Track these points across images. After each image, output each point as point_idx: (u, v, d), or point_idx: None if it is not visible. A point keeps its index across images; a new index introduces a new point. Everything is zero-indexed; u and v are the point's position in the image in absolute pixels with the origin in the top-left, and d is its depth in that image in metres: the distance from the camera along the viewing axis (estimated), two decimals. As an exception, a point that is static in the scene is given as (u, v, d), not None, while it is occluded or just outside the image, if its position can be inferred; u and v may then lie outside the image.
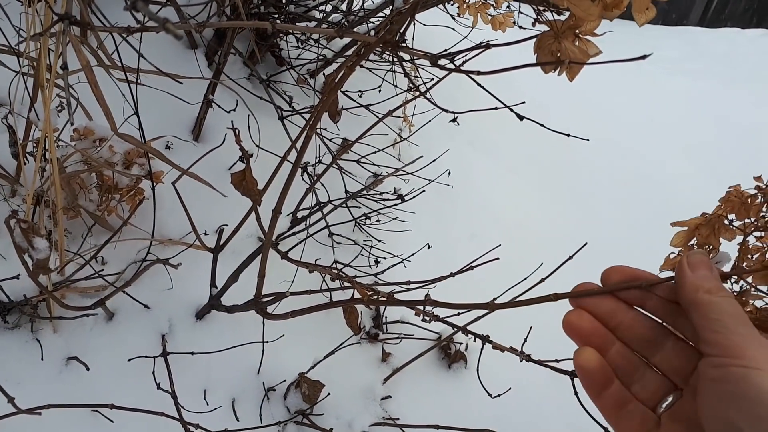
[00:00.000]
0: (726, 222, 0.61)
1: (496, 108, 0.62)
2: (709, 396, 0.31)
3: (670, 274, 0.69)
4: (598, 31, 0.49)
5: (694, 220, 0.60)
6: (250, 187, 0.66)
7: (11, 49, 0.78)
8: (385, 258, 1.23)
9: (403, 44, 0.62)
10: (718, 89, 3.09)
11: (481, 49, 0.55)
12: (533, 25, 0.49)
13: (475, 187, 1.63)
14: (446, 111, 0.65)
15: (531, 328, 0.78)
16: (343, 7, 1.49)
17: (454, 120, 0.69)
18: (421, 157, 1.18)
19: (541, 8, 0.49)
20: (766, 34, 4.30)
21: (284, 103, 1.28)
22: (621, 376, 0.37)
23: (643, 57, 0.44)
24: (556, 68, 0.48)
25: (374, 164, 1.31)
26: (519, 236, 1.55)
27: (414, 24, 1.40)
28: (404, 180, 1.32)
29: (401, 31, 0.61)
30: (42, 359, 0.82)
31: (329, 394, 0.94)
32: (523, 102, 0.65)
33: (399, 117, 1.48)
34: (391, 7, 1.40)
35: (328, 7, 1.43)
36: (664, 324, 0.38)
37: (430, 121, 1.32)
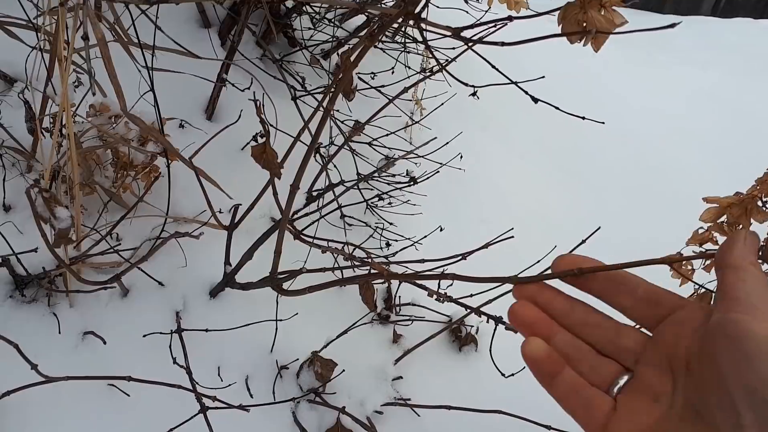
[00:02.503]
0: (759, 203, 0.61)
1: (515, 82, 0.62)
2: (725, 354, 0.31)
3: (694, 248, 0.68)
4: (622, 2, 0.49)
5: (726, 198, 0.59)
6: (270, 159, 0.66)
7: (29, 23, 0.78)
8: (396, 241, 1.23)
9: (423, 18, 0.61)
10: (730, 79, 3.06)
11: (504, 22, 0.55)
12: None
13: (486, 172, 1.62)
14: (466, 84, 0.65)
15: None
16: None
17: (473, 94, 0.69)
18: (435, 138, 1.18)
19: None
20: (780, 24, 4.24)
21: (296, 84, 1.28)
22: (570, 363, 0.38)
23: (672, 26, 0.44)
24: (581, 39, 0.48)
25: (386, 147, 1.31)
26: (529, 222, 1.55)
27: (428, 5, 1.39)
28: (416, 164, 1.31)
29: (422, 4, 0.60)
30: (59, 333, 0.82)
31: (344, 370, 0.94)
32: (543, 76, 0.65)
33: (410, 100, 1.48)
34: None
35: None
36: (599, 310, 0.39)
37: (442, 104, 1.32)
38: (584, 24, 0.47)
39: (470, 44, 0.55)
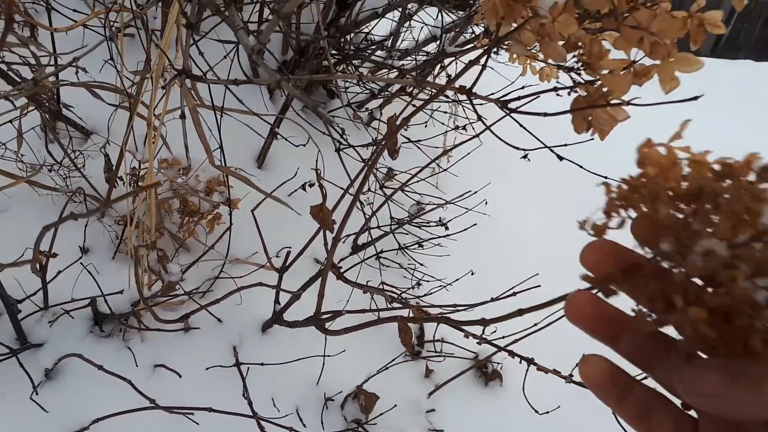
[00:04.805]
0: None
1: (564, 145, 0.73)
2: None
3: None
4: (626, 98, 0.58)
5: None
6: (326, 217, 0.77)
7: (124, 91, 0.89)
8: (427, 281, 1.32)
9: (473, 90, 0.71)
10: (733, 122, 3.18)
11: (549, 92, 0.65)
12: (570, 92, 0.59)
13: (507, 217, 1.72)
14: (516, 148, 0.74)
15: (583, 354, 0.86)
16: (388, 44, 1.61)
17: (524, 157, 0.78)
18: (470, 192, 1.28)
19: (577, 75, 0.58)
20: (781, 67, 4.39)
21: (337, 135, 1.38)
22: (640, 365, 0.29)
23: (695, 98, 0.52)
24: (588, 129, 0.58)
25: (416, 192, 1.41)
26: (552, 266, 1.63)
27: (456, 64, 1.51)
28: (443, 208, 1.42)
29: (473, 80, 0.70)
30: (136, 365, 0.91)
31: (395, 405, 1.03)
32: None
33: (437, 147, 1.59)
34: (436, 45, 1.51)
35: (375, 45, 1.55)
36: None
37: (469, 153, 1.42)
38: (590, 118, 0.57)
39: (517, 114, 0.65)
